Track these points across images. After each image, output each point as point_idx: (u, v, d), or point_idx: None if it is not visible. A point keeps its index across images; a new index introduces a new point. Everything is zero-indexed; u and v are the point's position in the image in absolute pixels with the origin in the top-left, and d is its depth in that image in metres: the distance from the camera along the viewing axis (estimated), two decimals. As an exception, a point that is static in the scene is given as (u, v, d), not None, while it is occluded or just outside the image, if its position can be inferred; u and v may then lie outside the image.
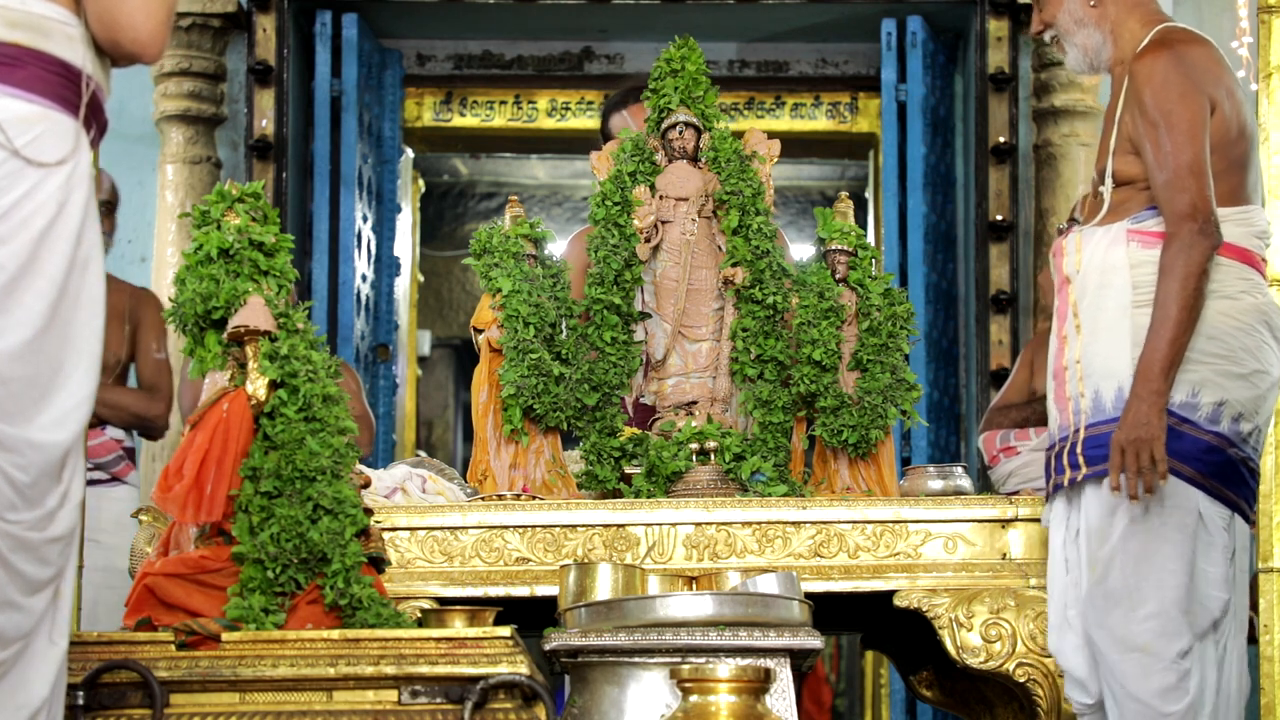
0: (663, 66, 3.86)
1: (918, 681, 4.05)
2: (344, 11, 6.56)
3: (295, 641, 2.60)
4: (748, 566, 3.34)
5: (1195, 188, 3.29)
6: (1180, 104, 3.33)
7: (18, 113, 2.31)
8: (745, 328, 3.74)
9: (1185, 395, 3.22)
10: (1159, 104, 3.34)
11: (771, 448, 3.68)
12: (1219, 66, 3.41)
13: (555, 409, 3.62)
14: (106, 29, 2.39)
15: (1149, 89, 3.35)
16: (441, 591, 3.33)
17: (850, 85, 7.26)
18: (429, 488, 3.55)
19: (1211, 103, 3.34)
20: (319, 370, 2.74)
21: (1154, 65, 3.36)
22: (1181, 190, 3.30)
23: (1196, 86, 3.35)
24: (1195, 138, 3.32)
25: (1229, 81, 3.40)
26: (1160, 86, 3.34)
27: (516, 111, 7.43)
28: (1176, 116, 3.32)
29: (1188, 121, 3.32)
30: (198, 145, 6.28)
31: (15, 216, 2.29)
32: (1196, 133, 3.32)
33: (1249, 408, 3.31)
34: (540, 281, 3.66)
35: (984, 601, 3.33)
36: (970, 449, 6.38)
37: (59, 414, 2.34)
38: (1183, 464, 3.15)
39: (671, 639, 2.90)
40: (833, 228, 3.75)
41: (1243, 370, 3.31)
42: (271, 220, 2.80)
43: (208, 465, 2.66)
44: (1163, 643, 3.11)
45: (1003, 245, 6.35)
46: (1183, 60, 3.38)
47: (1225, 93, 3.37)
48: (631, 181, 3.79)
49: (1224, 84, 3.38)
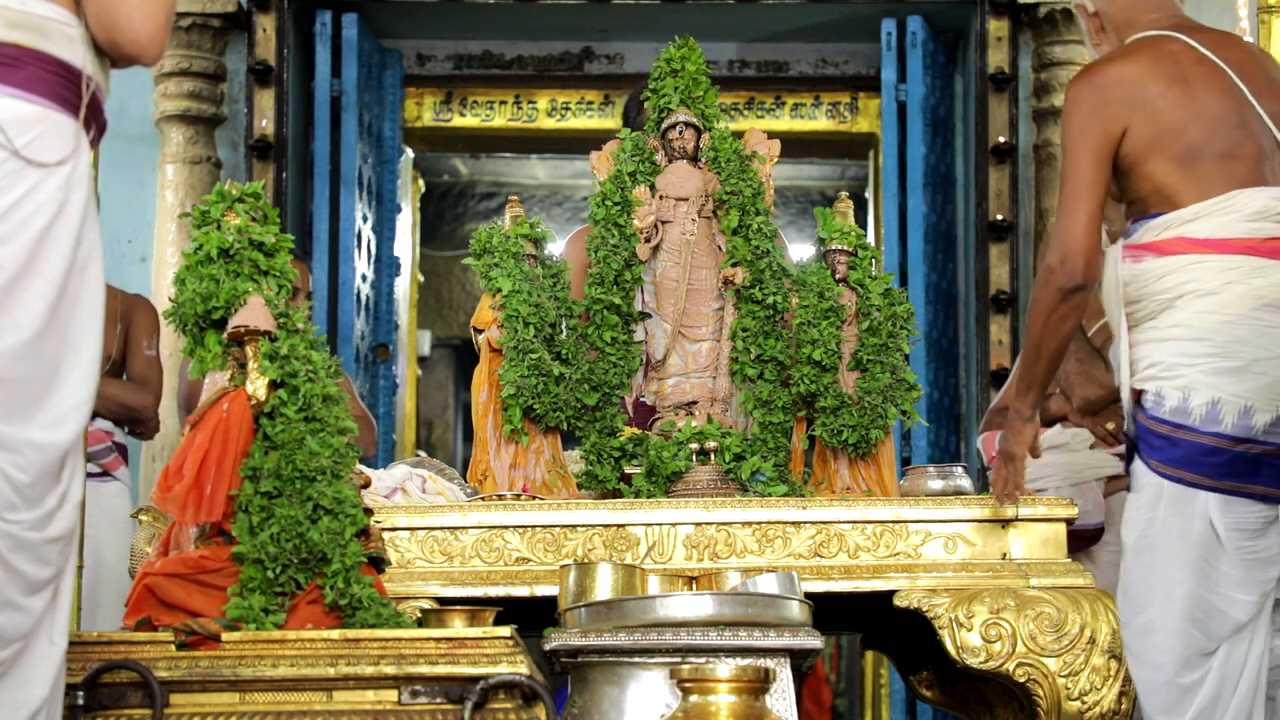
0: (663, 66, 3.86)
1: (918, 681, 4.05)
2: (344, 11, 6.56)
3: (295, 641, 2.60)
4: (748, 566, 3.34)
5: (1058, 227, 3.38)
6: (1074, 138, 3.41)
7: (18, 113, 2.31)
8: (745, 328, 3.74)
9: (1175, 401, 3.20)
10: (1061, 136, 3.46)
11: (771, 448, 3.68)
12: (1149, 74, 3.41)
13: (555, 409, 3.62)
14: (106, 30, 2.39)
15: (1061, 120, 3.48)
16: (441, 591, 3.32)
17: (850, 85, 7.26)
18: (429, 488, 3.55)
19: (1121, 125, 3.36)
20: (319, 370, 2.74)
21: (1066, 95, 3.46)
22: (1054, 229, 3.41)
23: (1095, 115, 3.40)
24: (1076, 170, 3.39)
25: (1159, 84, 3.40)
26: (1064, 115, 3.45)
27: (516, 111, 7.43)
28: (1066, 148, 3.42)
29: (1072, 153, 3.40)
30: (198, 145, 6.28)
31: (15, 217, 2.29)
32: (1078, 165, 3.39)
33: (1258, 398, 3.22)
34: (540, 281, 3.66)
35: (984, 601, 3.33)
36: (970, 449, 6.38)
37: (58, 414, 2.35)
38: (1184, 470, 3.13)
39: (671, 639, 2.90)
40: (833, 228, 3.75)
41: (1237, 363, 3.24)
42: (271, 220, 2.80)
43: (208, 465, 2.66)
44: (1165, 658, 3.08)
45: (1003, 245, 6.35)
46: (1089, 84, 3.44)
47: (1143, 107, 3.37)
48: (631, 181, 3.79)
49: (1142, 96, 3.38)
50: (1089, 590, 3.35)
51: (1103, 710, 3.30)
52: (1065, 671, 3.30)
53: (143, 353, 5.17)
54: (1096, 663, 3.31)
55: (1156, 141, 3.36)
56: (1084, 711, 3.29)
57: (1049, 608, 3.31)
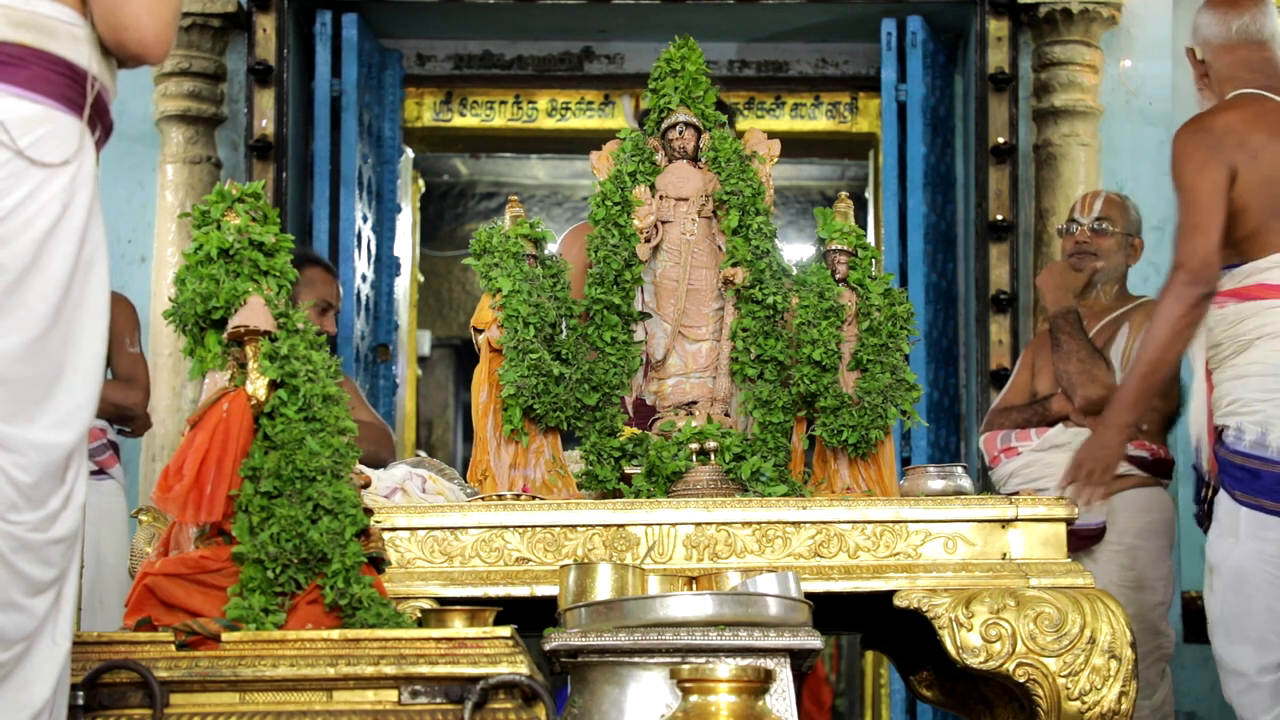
0: (663, 66, 3.86)
1: (918, 681, 4.05)
2: (344, 11, 6.56)
3: (295, 641, 2.60)
4: (748, 566, 3.34)
5: (1188, 243, 3.70)
6: (1193, 177, 3.75)
7: (22, 113, 2.31)
8: (745, 328, 3.74)
9: (1254, 436, 3.54)
10: (1177, 178, 3.80)
11: (771, 448, 3.68)
12: (1252, 123, 3.82)
13: (555, 409, 3.62)
14: (112, 29, 2.39)
15: (1173, 164, 3.82)
16: (441, 591, 3.32)
17: (850, 85, 7.26)
18: (429, 488, 3.55)
19: (1231, 168, 3.74)
20: (319, 370, 2.74)
21: (1177, 142, 3.83)
22: (1178, 246, 3.74)
23: (1211, 155, 3.75)
24: (1198, 202, 3.71)
25: (1261, 135, 3.80)
26: (1178, 159, 3.79)
27: (516, 111, 7.43)
28: (1186, 187, 3.75)
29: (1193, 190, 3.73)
30: (198, 145, 6.28)
31: (19, 217, 2.29)
32: (1200, 197, 3.72)
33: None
34: (540, 281, 3.66)
35: (984, 601, 3.33)
36: (970, 449, 6.38)
37: (62, 415, 2.35)
38: (1265, 499, 3.49)
39: (671, 639, 2.90)
40: (833, 228, 3.75)
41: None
42: (271, 220, 2.80)
43: (208, 465, 2.66)
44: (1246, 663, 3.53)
45: (1003, 245, 6.35)
46: (1201, 130, 3.82)
47: (1249, 153, 3.77)
48: (631, 181, 3.79)
49: (1248, 144, 3.77)
50: (1089, 590, 3.35)
51: (1103, 710, 3.30)
52: (1065, 671, 3.30)
53: (126, 350, 5.19)
54: (1096, 663, 3.31)
55: (1259, 188, 3.75)
56: (1084, 711, 3.29)
57: (1049, 608, 3.31)
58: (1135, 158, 6.39)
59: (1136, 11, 6.43)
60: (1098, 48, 6.33)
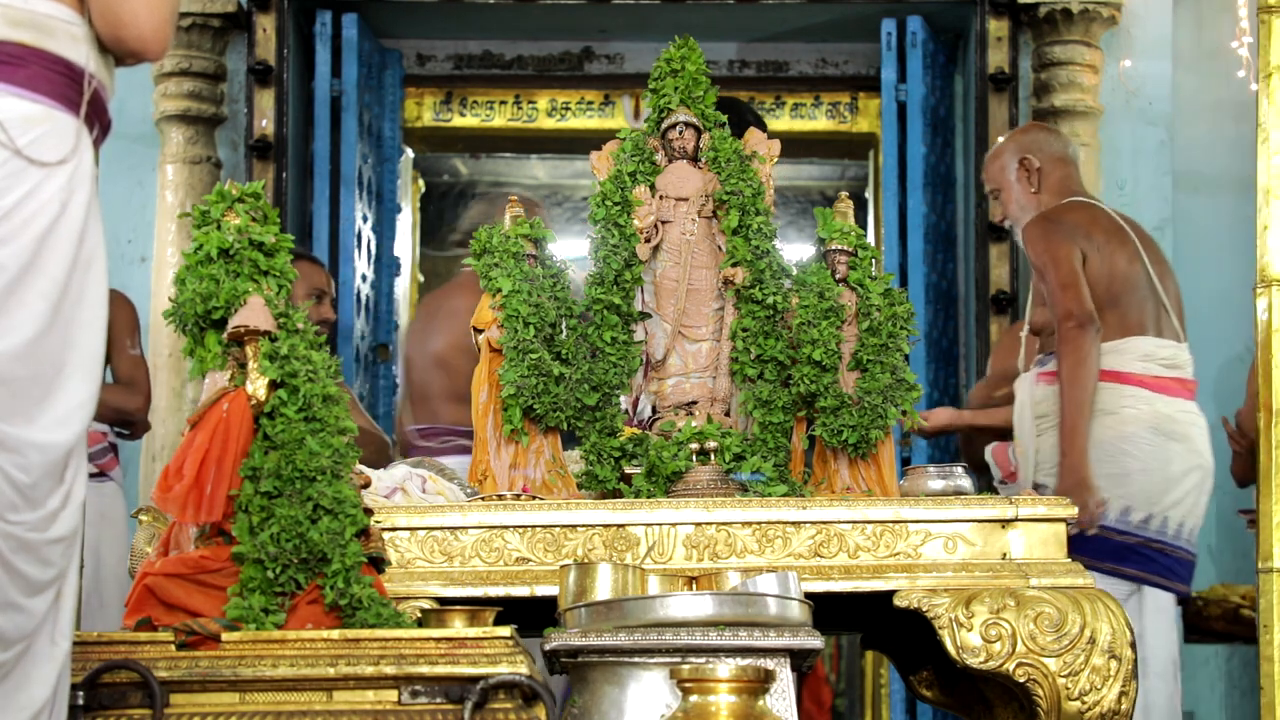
0: (663, 66, 3.85)
1: (918, 681, 4.05)
2: (344, 11, 6.56)
3: (295, 641, 2.60)
4: (748, 566, 3.33)
5: (1065, 297, 4.37)
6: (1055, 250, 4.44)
7: (20, 112, 2.31)
8: (745, 328, 3.74)
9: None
10: (1039, 254, 4.48)
11: (771, 448, 3.68)
12: (1092, 224, 4.52)
13: (555, 409, 3.62)
14: (110, 27, 2.39)
15: (1030, 250, 4.52)
16: (441, 591, 3.32)
17: (850, 85, 7.26)
18: (429, 488, 3.55)
19: (1082, 252, 4.45)
20: (319, 370, 2.74)
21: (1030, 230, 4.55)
22: (1057, 303, 4.38)
23: (1065, 238, 4.45)
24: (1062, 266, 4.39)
25: (1100, 236, 4.50)
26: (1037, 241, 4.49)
27: (516, 111, 7.43)
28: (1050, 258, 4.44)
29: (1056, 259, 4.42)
30: (198, 145, 6.28)
31: (17, 216, 2.29)
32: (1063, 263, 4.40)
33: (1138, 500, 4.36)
34: (540, 281, 3.66)
35: (984, 601, 3.32)
36: (970, 449, 6.38)
37: (61, 414, 2.35)
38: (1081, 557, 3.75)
39: (671, 639, 2.90)
40: (833, 228, 3.75)
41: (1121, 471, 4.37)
42: (271, 220, 2.80)
43: (208, 465, 2.66)
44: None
45: (1003, 245, 6.35)
46: (1052, 221, 4.51)
47: (1093, 247, 4.47)
48: (631, 181, 3.79)
49: (1094, 239, 4.49)
50: (1089, 590, 3.35)
51: (1103, 710, 3.30)
52: (1065, 671, 3.30)
53: (127, 352, 5.13)
54: (1096, 663, 3.31)
55: (1097, 280, 4.41)
56: (1084, 711, 3.29)
57: (1049, 608, 3.31)
58: (1135, 158, 6.40)
59: (1136, 11, 6.43)
60: (1098, 48, 6.34)
